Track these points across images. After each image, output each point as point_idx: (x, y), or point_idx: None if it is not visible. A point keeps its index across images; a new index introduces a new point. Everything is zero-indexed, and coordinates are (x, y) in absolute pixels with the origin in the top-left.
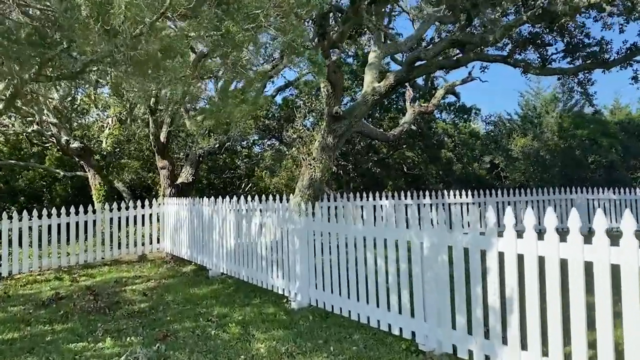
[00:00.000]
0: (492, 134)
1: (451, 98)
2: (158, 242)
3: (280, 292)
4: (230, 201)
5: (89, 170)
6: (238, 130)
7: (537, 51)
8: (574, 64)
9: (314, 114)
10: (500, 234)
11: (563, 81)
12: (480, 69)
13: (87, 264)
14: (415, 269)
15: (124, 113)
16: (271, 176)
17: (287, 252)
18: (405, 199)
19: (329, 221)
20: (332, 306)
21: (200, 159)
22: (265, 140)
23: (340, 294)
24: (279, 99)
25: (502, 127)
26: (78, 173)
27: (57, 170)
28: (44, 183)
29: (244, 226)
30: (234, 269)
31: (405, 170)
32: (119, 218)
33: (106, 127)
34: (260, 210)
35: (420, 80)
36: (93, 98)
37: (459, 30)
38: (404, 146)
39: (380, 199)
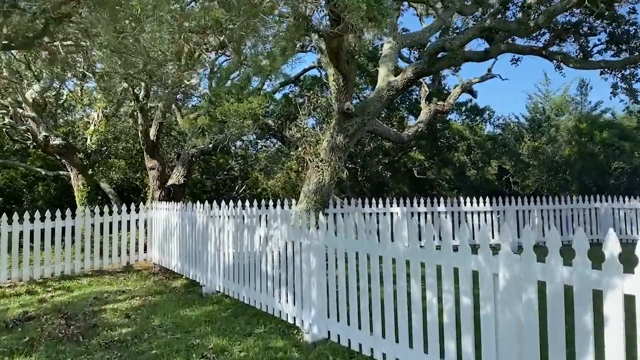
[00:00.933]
0: (500, 137)
1: (462, 98)
2: (145, 251)
3: (289, 320)
4: (228, 207)
5: (71, 170)
6: (235, 128)
7: (577, 42)
8: (619, 57)
9: (319, 110)
10: (629, 271)
11: (581, 82)
12: (512, 61)
13: (65, 275)
14: (485, 309)
15: (111, 108)
16: (267, 178)
17: (300, 272)
18: (418, 206)
19: (356, 237)
20: (360, 345)
21: (193, 159)
22: (264, 140)
23: (371, 330)
24: (279, 96)
25: (510, 131)
26: (61, 173)
27: (38, 169)
28: (25, 183)
29: (246, 238)
30: (233, 288)
31: (416, 174)
32: (102, 224)
33: (91, 123)
34: (266, 220)
35: (427, 79)
36: (79, 93)
37: (490, 17)
38: (414, 148)
39: (391, 206)
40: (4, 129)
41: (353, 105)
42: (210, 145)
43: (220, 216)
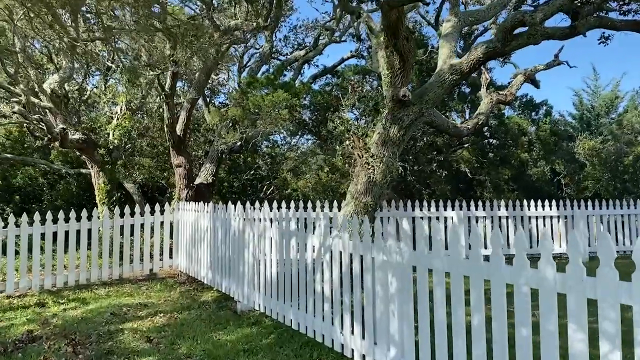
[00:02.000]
0: (561, 132)
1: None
2: (171, 257)
3: (356, 357)
4: (270, 209)
5: (91, 167)
6: (269, 120)
7: None
8: None
9: (364, 99)
10: None
11: None
12: (600, 40)
13: (81, 284)
14: None
15: (135, 101)
16: (297, 179)
17: (373, 296)
18: (476, 209)
19: (464, 257)
20: None
21: (222, 156)
22: (298, 137)
23: None
24: (314, 87)
25: (559, 129)
26: (82, 170)
27: (58, 166)
28: (45, 181)
29: (293, 247)
30: (275, 307)
31: (469, 174)
32: (122, 227)
33: (114, 117)
34: (313, 226)
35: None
36: (103, 87)
37: None
38: (465, 145)
39: (445, 209)
40: (25, 126)
41: (410, 92)
42: (242, 141)
43: (259, 219)
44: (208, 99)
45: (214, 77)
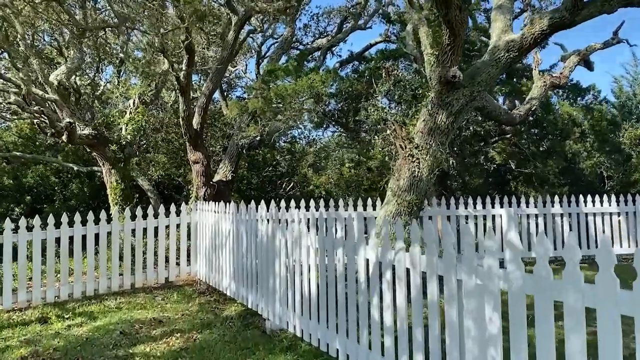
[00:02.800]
0: (617, 119)
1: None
2: (189, 263)
3: None
4: (305, 209)
5: (103, 164)
6: (293, 111)
7: None
8: None
9: (401, 85)
10: None
11: None
12: None
13: (88, 295)
14: None
15: (149, 94)
16: (318, 175)
17: (459, 334)
18: (527, 206)
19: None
20: None
21: (242, 151)
22: (322, 129)
23: None
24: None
25: (600, 117)
26: (95, 168)
27: (70, 164)
28: (58, 180)
29: (339, 260)
30: (316, 331)
31: (513, 166)
32: (133, 230)
33: (127, 110)
34: (365, 229)
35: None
36: (116, 82)
37: None
38: (508, 135)
39: (493, 207)
40: (34, 122)
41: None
42: (263, 135)
43: (291, 221)
44: (225, 93)
45: (231, 69)
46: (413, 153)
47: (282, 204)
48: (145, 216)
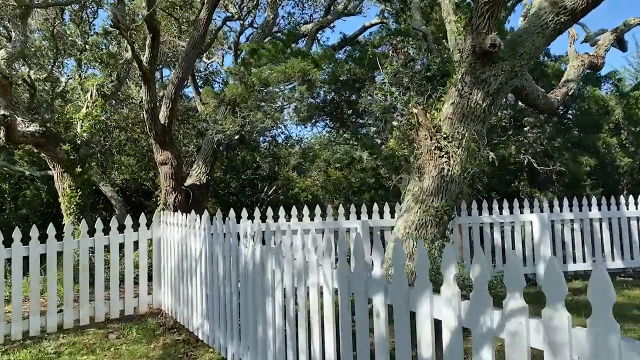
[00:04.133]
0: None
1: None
2: (150, 290)
3: None
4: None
5: (54, 167)
6: (282, 99)
7: None
8: None
9: (412, 65)
10: None
11: None
12: None
13: (26, 334)
14: None
15: (110, 85)
16: (302, 177)
17: None
18: (561, 210)
19: None
20: None
21: (220, 149)
22: (310, 124)
23: None
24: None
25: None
26: (50, 172)
27: (20, 168)
28: (8, 186)
29: (379, 314)
30: None
31: (535, 164)
32: (75, 252)
33: (84, 104)
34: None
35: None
36: (76, 75)
37: None
38: (525, 128)
39: (521, 212)
40: None
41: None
42: (244, 130)
43: (285, 233)
44: (200, 89)
45: (206, 61)
46: (441, 145)
47: (269, 212)
48: (107, 230)
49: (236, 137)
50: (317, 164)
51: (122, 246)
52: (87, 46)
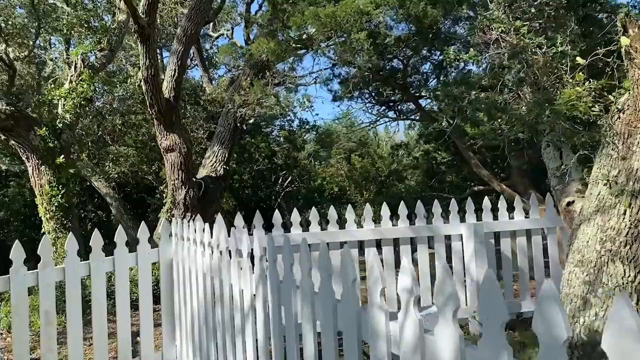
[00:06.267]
0: None
1: None
2: (159, 344)
3: None
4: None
5: (27, 159)
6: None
7: None
8: None
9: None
10: None
11: None
12: None
13: None
14: None
15: (100, 56)
16: (322, 166)
17: None
18: None
19: None
20: None
21: (242, 128)
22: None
23: None
24: None
25: None
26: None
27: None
28: None
29: None
30: None
31: None
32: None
33: (67, 78)
34: None
35: None
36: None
37: None
38: None
39: None
40: None
41: None
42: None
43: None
44: (206, 63)
45: (212, 34)
46: None
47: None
48: (86, 252)
49: (265, 110)
50: (336, 150)
51: (93, 280)
52: (69, 12)
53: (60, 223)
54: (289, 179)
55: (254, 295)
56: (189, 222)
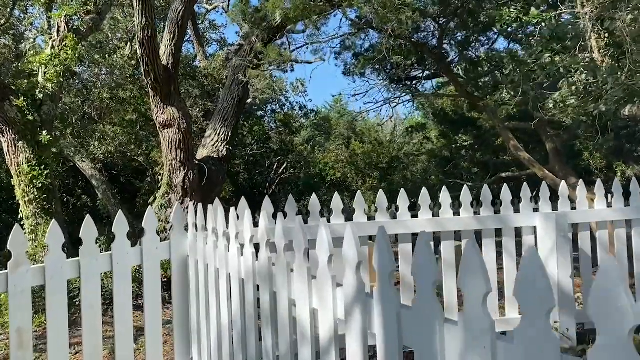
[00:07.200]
0: None
1: None
2: (170, 357)
3: None
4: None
5: (1, 133)
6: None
7: None
8: None
9: None
10: None
11: None
12: None
13: None
14: None
15: (87, 19)
16: (325, 151)
17: None
18: None
19: None
20: None
21: (244, 103)
22: (373, 67)
23: None
24: None
25: None
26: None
27: None
28: None
29: None
30: None
31: None
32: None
33: (48, 43)
34: None
35: None
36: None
37: None
38: None
39: None
40: None
41: None
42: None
43: None
44: (203, 44)
45: (207, 7)
46: None
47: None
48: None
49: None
50: (336, 135)
51: (83, 291)
52: None
53: (42, 207)
54: (285, 165)
55: (339, 320)
56: (213, 208)
